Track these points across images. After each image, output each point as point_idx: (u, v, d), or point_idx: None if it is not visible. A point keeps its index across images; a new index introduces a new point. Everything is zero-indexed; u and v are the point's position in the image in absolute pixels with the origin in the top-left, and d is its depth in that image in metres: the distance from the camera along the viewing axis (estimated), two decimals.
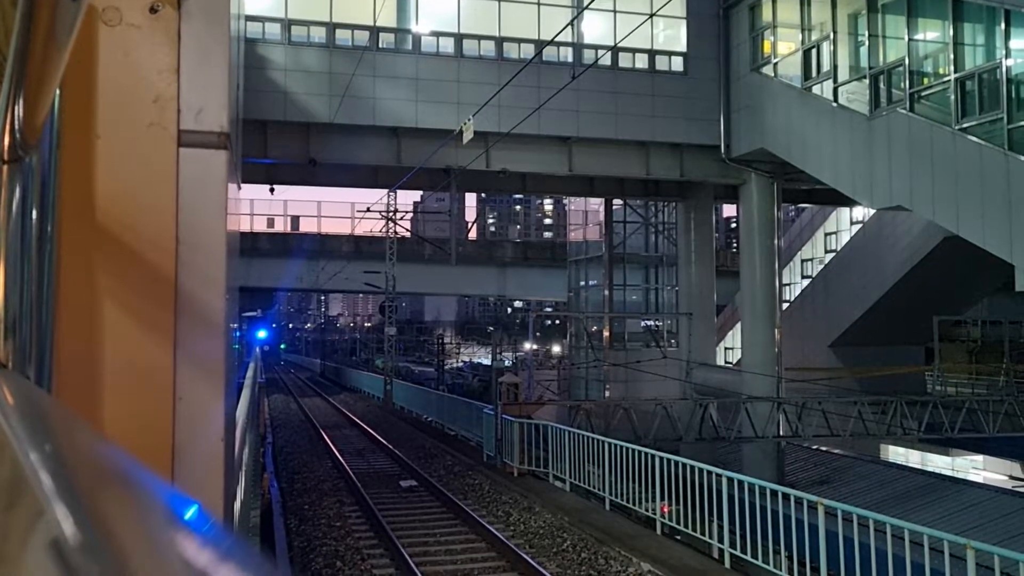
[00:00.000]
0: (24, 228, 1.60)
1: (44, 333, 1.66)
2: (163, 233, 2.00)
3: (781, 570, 9.68)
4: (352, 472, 17.28)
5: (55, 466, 0.78)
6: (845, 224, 32.64)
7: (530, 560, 10.54)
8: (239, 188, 3.09)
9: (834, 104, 18.91)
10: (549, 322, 70.98)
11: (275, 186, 24.94)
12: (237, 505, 4.89)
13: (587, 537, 11.58)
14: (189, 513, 0.75)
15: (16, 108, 1.32)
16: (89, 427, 1.33)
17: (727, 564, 10.11)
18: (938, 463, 25.73)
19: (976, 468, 25.72)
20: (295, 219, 41.58)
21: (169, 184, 2.02)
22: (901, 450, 26.90)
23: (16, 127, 1.37)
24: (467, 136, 16.58)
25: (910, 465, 23.83)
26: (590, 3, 19.46)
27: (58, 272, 1.78)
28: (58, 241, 1.77)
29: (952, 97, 15.41)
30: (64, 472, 0.77)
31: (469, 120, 16.26)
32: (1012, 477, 24.56)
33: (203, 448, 2.06)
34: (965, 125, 15.09)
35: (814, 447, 22.95)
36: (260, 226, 39.70)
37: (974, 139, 14.81)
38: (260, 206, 40.38)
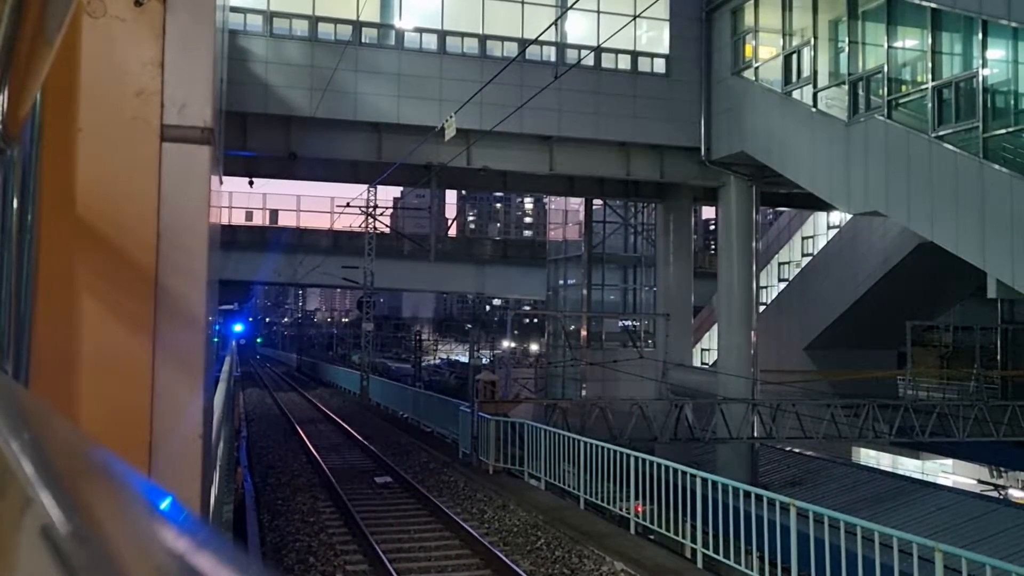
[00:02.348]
0: (4, 220, 1.58)
1: (22, 326, 1.64)
2: (144, 228, 1.98)
3: (752, 570, 9.76)
4: (327, 467, 17.22)
5: (37, 457, 0.79)
6: (822, 228, 32.92)
7: (504, 558, 10.55)
8: (221, 182, 3.08)
9: (813, 109, 19.06)
10: (527, 320, 71.05)
11: (254, 179, 24.77)
12: (211, 500, 4.86)
13: (561, 536, 11.62)
14: (165, 504, 0.77)
15: (0, 100, 1.31)
16: (66, 421, 1.33)
17: (699, 564, 10.18)
18: (908, 466, 26.02)
19: (945, 472, 26.04)
20: (274, 212, 41.40)
21: (151, 179, 2.00)
22: (872, 453, 27.18)
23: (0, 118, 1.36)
24: (449, 133, 16.56)
25: (881, 468, 24.08)
26: (574, 3, 19.49)
27: (37, 265, 1.76)
28: (38, 234, 1.76)
29: (929, 105, 15.58)
30: (46, 463, 0.78)
31: (451, 117, 16.25)
32: (980, 481, 24.89)
33: (180, 444, 2.05)
34: (941, 133, 15.27)
35: (787, 449, 23.14)
36: (238, 219, 39.49)
37: (950, 147, 14.99)
38: (239, 199, 40.24)
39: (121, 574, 0.55)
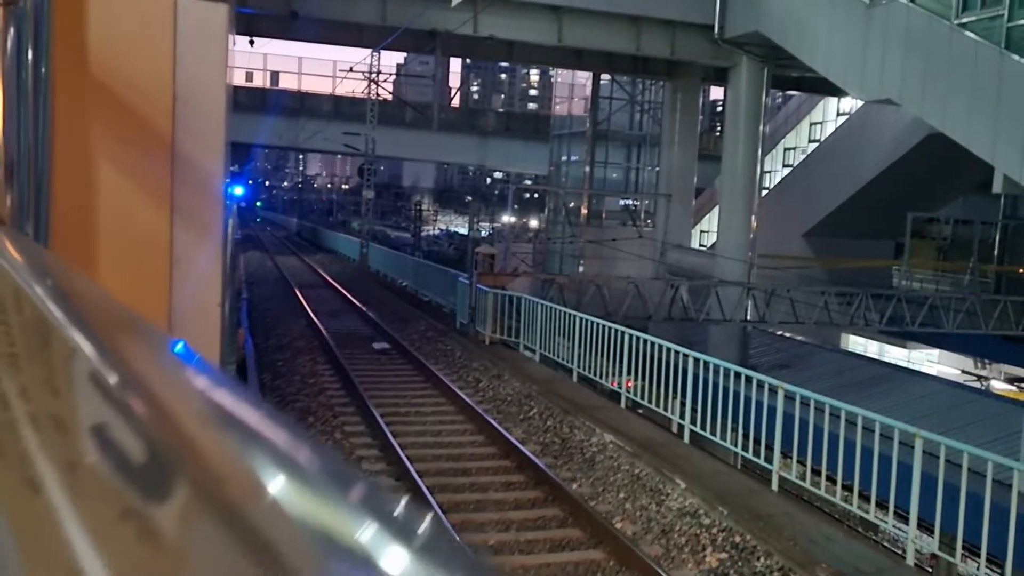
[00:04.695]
0: (20, 77, 1.55)
1: (40, 189, 1.63)
2: (160, 88, 1.93)
3: (737, 447, 10.10)
4: (326, 332, 17.51)
5: (71, 311, 0.82)
6: (832, 115, 32.38)
7: (497, 425, 10.89)
8: (234, 42, 2.99)
9: None
10: (528, 195, 70.79)
11: (255, 38, 24.13)
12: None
13: (553, 406, 11.94)
14: (179, 348, 0.82)
15: None
16: (89, 279, 1.36)
17: (686, 439, 10.52)
18: (895, 355, 26.51)
19: (931, 361, 26.57)
20: (275, 74, 40.49)
21: (166, 37, 1.94)
22: (860, 340, 27.64)
23: None
24: None
25: (868, 355, 24.54)
26: None
27: (53, 126, 1.73)
28: (52, 92, 1.71)
29: None
30: (81, 316, 0.81)
31: None
32: (964, 371, 25.44)
33: (199, 312, 2.05)
34: (964, 20, 14.80)
35: (779, 333, 23.51)
36: (238, 80, 38.61)
37: (971, 35, 14.56)
38: (239, 58, 39.16)
39: (169, 416, 0.59)
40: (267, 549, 0.40)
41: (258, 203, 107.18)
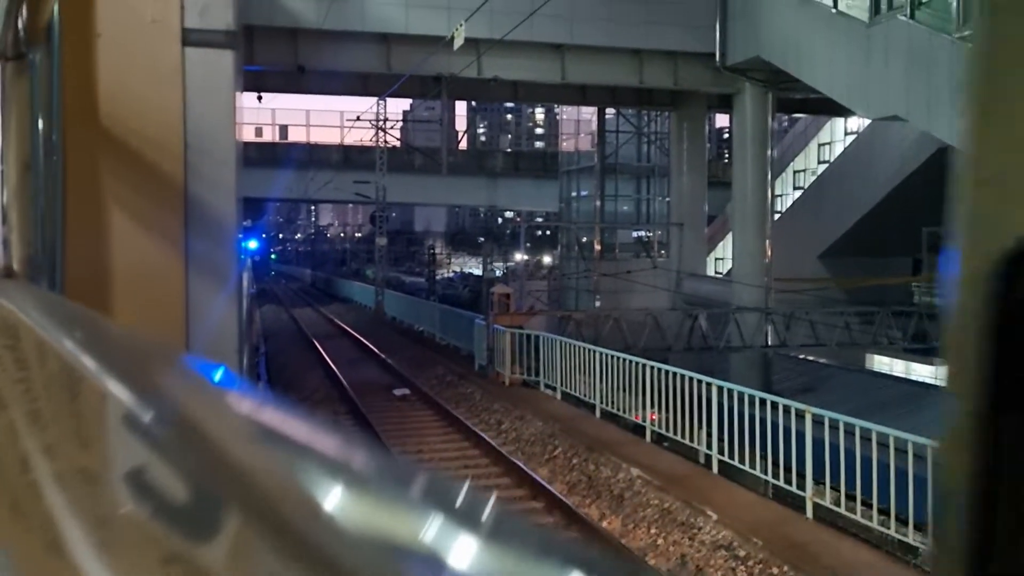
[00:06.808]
0: (32, 131, 1.54)
1: (55, 242, 1.61)
2: (170, 137, 1.92)
3: (768, 475, 9.92)
4: (345, 381, 17.46)
5: (99, 356, 0.79)
6: (839, 135, 32.37)
7: (523, 466, 10.77)
8: (241, 93, 2.99)
9: (833, 10, 18.49)
10: (540, 232, 70.95)
11: (263, 94, 24.47)
12: None
13: (578, 444, 11.81)
14: (219, 375, 0.79)
15: (22, 2, 1.25)
16: (108, 320, 1.33)
17: (715, 470, 10.36)
18: (922, 372, 26.15)
19: None
20: (284, 128, 41.00)
21: (175, 85, 1.93)
22: (886, 360, 27.28)
23: (20, 23, 1.31)
24: (458, 42, 16.23)
25: (894, 374, 24.21)
26: None
27: (65, 178, 1.71)
28: (63, 146, 1.70)
29: (954, 3, 15.08)
30: (110, 360, 0.78)
31: (460, 26, 15.88)
32: None
33: (218, 360, 2.01)
34: (966, 33, 14.81)
35: (800, 356, 23.27)
36: (248, 135, 39.12)
37: None
38: (247, 115, 39.68)
39: (214, 446, 0.55)
40: (329, 566, 0.39)
41: (272, 256, 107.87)
